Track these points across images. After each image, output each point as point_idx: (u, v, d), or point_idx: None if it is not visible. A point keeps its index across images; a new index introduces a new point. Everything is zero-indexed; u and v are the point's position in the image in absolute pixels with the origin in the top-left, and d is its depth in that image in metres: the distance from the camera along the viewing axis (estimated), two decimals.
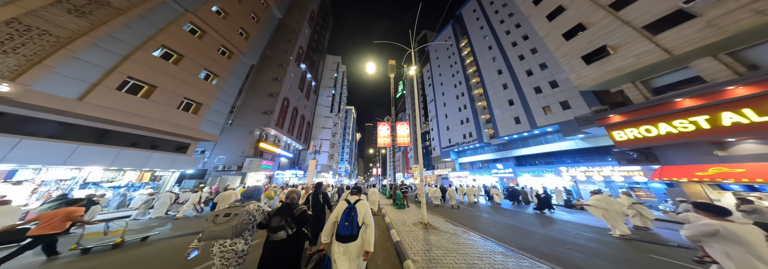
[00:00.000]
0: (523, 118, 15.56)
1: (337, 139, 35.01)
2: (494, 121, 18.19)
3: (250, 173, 15.59)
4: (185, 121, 9.57)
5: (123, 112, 7.34)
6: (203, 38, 11.10)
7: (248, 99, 18.11)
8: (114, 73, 7.23)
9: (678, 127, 6.91)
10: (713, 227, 1.66)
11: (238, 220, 1.63)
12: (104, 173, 7.42)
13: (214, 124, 11.46)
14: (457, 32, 30.32)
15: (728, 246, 1.60)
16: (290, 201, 1.95)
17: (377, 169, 35.34)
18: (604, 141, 11.09)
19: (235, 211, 1.69)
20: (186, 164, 9.90)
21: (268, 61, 21.07)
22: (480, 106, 22.23)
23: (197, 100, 10.30)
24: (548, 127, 13.66)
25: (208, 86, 11.02)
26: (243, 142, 15.97)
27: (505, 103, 17.82)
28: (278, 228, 1.73)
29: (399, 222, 5.39)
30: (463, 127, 23.12)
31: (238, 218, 1.64)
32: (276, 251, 1.70)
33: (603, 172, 10.42)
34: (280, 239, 1.71)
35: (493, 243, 3.70)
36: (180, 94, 9.44)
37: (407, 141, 10.07)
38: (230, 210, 1.71)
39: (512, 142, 17.45)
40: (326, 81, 33.32)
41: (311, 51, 28.44)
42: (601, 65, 9.28)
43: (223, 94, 12.18)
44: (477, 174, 19.88)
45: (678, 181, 6.97)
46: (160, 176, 9.26)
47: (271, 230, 1.74)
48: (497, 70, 19.77)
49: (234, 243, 1.66)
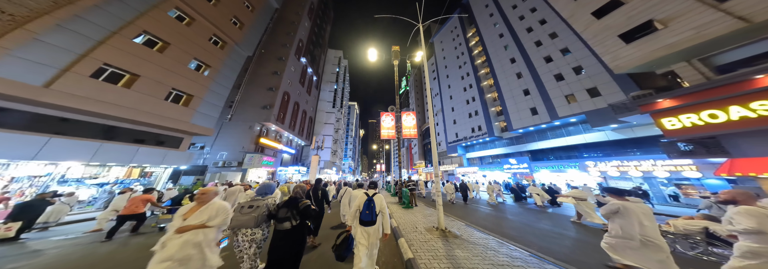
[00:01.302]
0: (542, 108, 14.00)
1: (340, 135, 34.21)
2: (507, 113, 16.68)
3: (251, 169, 15.00)
4: (175, 114, 8.80)
5: (101, 102, 6.57)
6: (192, 26, 10.17)
7: (247, 93, 17.36)
8: (87, 59, 6.41)
9: (758, 111, 5.43)
10: (616, 205, 2.23)
11: (259, 212, 1.89)
12: (85, 169, 6.75)
13: (208, 118, 10.70)
14: (463, 22, 28.25)
15: (622, 219, 2.18)
16: (296, 195, 2.05)
17: (381, 165, 34.52)
18: (644, 131, 9.50)
19: (257, 204, 1.92)
20: (178, 159, 9.22)
21: (267, 54, 20.16)
22: (490, 98, 20.62)
23: (187, 92, 9.49)
24: (572, 117, 12.11)
25: (200, 77, 10.19)
26: (243, 138, 15.32)
27: (519, 93, 16.21)
28: (284, 219, 1.90)
29: (408, 227, 4.38)
30: (472, 120, 21.65)
31: (259, 210, 1.90)
32: (282, 240, 1.88)
33: (642, 167, 8.96)
34: (285, 229, 1.88)
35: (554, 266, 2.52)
36: (167, 84, 8.63)
37: (413, 133, 8.94)
38: (253, 203, 1.93)
39: (527, 135, 15.95)
40: (328, 76, 32.23)
41: (312, 44, 27.32)
42: (645, 43, 7.71)
43: (218, 86, 11.35)
44: (487, 170, 18.57)
45: (757, 177, 5.54)
46: (151, 172, 8.62)
47: (278, 220, 1.91)
48: (510, 58, 18.05)
49: (254, 232, 1.88)
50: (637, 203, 2.20)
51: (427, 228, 4.28)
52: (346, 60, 40.84)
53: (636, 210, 2.13)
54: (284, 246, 1.84)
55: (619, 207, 2.18)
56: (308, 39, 25.89)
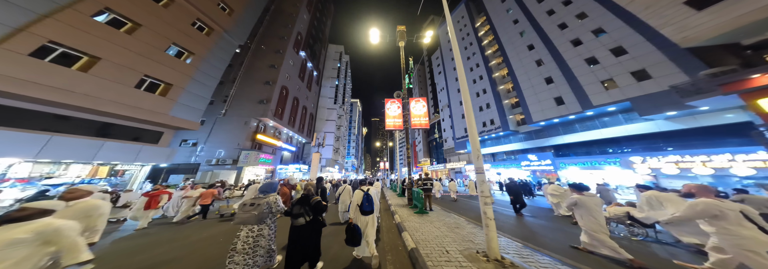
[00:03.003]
0: (570, 97, 12.03)
1: (342, 132, 32.87)
2: (524, 105, 14.74)
3: (247, 167, 13.86)
4: (149, 104, 7.58)
5: (48, 87, 5.35)
6: (169, 7, 8.86)
7: (243, 87, 16.17)
8: (24, 34, 5.17)
9: None
10: (574, 199, 2.71)
11: (259, 210, 1.93)
12: (34, 166, 5.59)
13: (193, 111, 9.48)
14: (471, 10, 26.02)
15: (581, 210, 2.65)
16: (307, 192, 2.19)
17: (385, 163, 33.07)
18: (713, 119, 7.43)
19: (258, 202, 1.98)
20: (157, 156, 8.05)
21: (264, 46, 18.87)
22: (503, 90, 18.63)
23: (165, 80, 8.25)
24: (611, 105, 10.14)
25: (180, 65, 8.92)
26: (238, 134, 14.17)
27: (540, 82, 14.23)
28: (298, 215, 1.98)
29: (434, 249, 2.72)
30: (482, 114, 19.76)
31: (259, 208, 1.95)
32: (298, 235, 1.95)
33: (713, 163, 7.05)
34: (301, 225, 1.97)
35: None
36: (138, 70, 7.39)
37: (425, 122, 7.36)
38: (254, 201, 1.99)
39: (550, 129, 14.01)
40: (329, 71, 30.81)
41: (311, 38, 25.92)
42: (730, 7, 5.80)
43: (204, 77, 10.09)
44: (501, 167, 16.75)
45: None
46: (123, 170, 7.46)
47: (294, 217, 1.99)
48: (527, 45, 16.02)
49: (260, 228, 1.96)
50: (591, 197, 2.71)
51: (465, 252, 2.60)
52: (347, 55, 39.23)
53: (589, 202, 2.65)
54: (300, 240, 1.93)
55: (577, 201, 2.69)
56: (307, 32, 24.48)
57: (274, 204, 2.05)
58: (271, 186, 2.18)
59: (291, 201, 2.12)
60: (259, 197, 2.04)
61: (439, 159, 29.88)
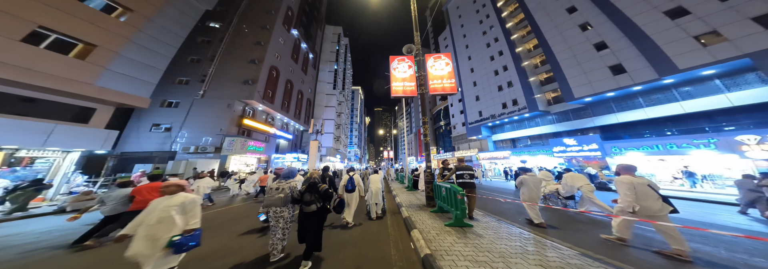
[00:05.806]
0: (636, 62, 8.73)
1: (343, 120, 30.31)
2: (562, 79, 11.49)
3: (233, 155, 11.86)
4: (54, 68, 5.21)
5: None
6: None
7: (224, 66, 13.56)
8: None
9: None
10: (520, 178, 3.34)
11: (285, 193, 2.17)
12: None
13: (141, 83, 7.12)
14: None
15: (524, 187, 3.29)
16: (314, 180, 2.29)
17: (389, 152, 30.86)
18: None
19: (283, 186, 2.22)
20: (85, 140, 5.88)
21: (248, 20, 15.79)
22: (530, 65, 15.12)
23: (82, 38, 5.76)
24: (710, 67, 6.88)
25: (109, 21, 6.34)
26: (221, 118, 11.94)
27: (586, 49, 10.80)
28: (310, 202, 2.10)
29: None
30: (502, 94, 16.55)
31: (285, 191, 2.18)
32: (308, 220, 2.09)
33: None
34: (312, 211, 2.10)
35: None
36: (28, 19, 4.89)
37: (451, 85, 4.68)
38: (280, 185, 2.22)
39: (596, 106, 10.91)
40: (327, 54, 27.38)
41: (304, 16, 22.33)
42: None
43: (154, 43, 7.53)
44: (525, 154, 13.99)
45: None
46: (32, 158, 5.37)
47: (305, 203, 2.12)
48: (566, 8, 12.21)
49: (282, 211, 2.16)
50: (532, 176, 3.33)
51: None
52: (346, 38, 35.14)
53: (530, 181, 3.25)
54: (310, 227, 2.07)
55: (522, 180, 3.29)
56: (300, 8, 20.85)
57: (294, 189, 2.22)
58: (292, 173, 2.40)
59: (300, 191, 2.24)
60: (282, 182, 2.25)
61: (446, 147, 27.25)
